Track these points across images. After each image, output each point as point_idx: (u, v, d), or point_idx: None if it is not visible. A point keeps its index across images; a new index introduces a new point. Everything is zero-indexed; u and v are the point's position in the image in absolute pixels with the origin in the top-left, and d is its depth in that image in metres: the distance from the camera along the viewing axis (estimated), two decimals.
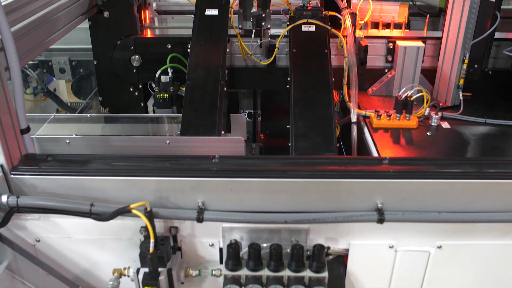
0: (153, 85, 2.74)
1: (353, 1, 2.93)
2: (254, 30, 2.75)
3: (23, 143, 1.62)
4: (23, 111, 1.60)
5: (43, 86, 3.56)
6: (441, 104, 2.61)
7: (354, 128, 2.52)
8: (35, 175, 1.55)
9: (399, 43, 2.76)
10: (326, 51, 2.62)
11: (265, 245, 1.61)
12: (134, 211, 1.46)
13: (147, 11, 3.16)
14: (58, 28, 2.20)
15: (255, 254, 1.56)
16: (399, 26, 3.01)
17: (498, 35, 2.65)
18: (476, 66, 2.57)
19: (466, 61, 2.54)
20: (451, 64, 2.62)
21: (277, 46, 2.77)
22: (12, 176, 1.54)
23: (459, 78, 2.60)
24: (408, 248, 1.65)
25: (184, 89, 2.50)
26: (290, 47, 2.67)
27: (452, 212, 1.55)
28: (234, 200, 1.57)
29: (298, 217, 1.55)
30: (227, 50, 2.72)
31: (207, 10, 2.76)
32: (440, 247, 1.64)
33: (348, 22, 2.72)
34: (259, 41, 2.81)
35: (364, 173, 1.56)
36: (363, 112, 2.56)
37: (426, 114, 2.53)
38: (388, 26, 3.00)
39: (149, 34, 3.04)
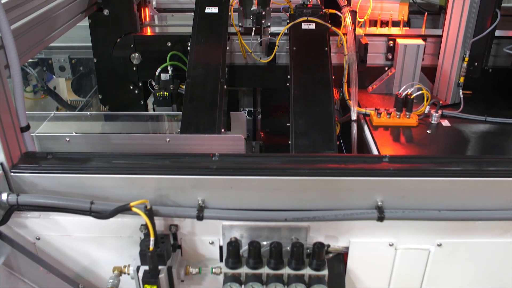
0: (153, 83, 2.74)
1: None
2: (254, 28, 2.75)
3: (23, 141, 1.62)
4: (23, 109, 1.60)
5: (43, 84, 3.56)
6: (441, 102, 2.61)
7: (354, 126, 2.52)
8: (35, 173, 1.55)
9: (399, 41, 2.76)
10: (326, 49, 2.62)
11: (265, 243, 1.61)
12: (134, 209, 1.46)
13: (147, 9, 3.15)
14: (58, 26, 2.20)
15: (255, 252, 1.56)
16: (399, 24, 3.01)
17: (498, 33, 2.65)
18: (476, 64, 2.57)
19: (467, 59, 2.54)
20: (451, 62, 2.62)
21: (277, 44, 2.77)
22: (12, 174, 1.54)
23: (459, 76, 2.60)
24: (408, 246, 1.65)
25: (184, 87, 2.50)
26: (290, 45, 2.67)
27: (452, 210, 1.55)
28: (234, 198, 1.57)
29: (298, 215, 1.55)
30: (227, 48, 2.71)
31: (207, 8, 2.76)
32: (440, 245, 1.64)
33: (348, 20, 2.71)
34: (259, 39, 2.80)
35: (364, 171, 1.56)
36: (363, 110, 2.56)
37: (426, 112, 2.53)
38: (390, 24, 3.00)
39: (149, 32, 3.04)
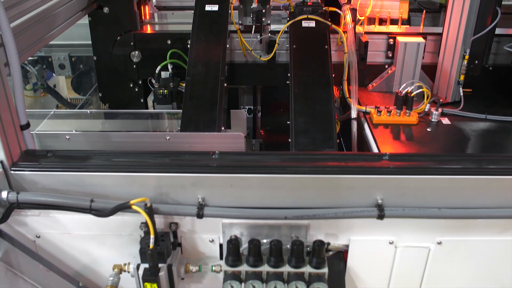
0: (153, 81, 2.73)
1: None
2: (254, 26, 2.75)
3: (23, 139, 1.62)
4: (23, 107, 1.60)
5: (43, 82, 3.56)
6: (441, 100, 2.61)
7: (354, 124, 2.52)
8: (35, 171, 1.55)
9: (400, 39, 2.75)
10: (326, 46, 2.62)
11: (265, 241, 1.61)
12: (134, 207, 1.46)
13: (147, 6, 3.15)
14: (57, 23, 2.20)
15: (255, 250, 1.56)
16: (400, 22, 3.00)
17: (498, 31, 2.64)
18: (476, 62, 2.57)
19: (467, 57, 2.54)
20: (451, 60, 2.62)
21: (277, 42, 2.76)
22: (12, 172, 1.54)
23: (460, 74, 2.60)
24: (408, 244, 1.65)
25: (184, 85, 2.49)
26: (290, 43, 2.67)
27: (452, 208, 1.56)
28: (234, 196, 1.57)
29: (298, 213, 1.55)
30: (227, 46, 2.71)
31: (207, 6, 2.75)
32: (440, 243, 1.64)
33: (349, 18, 2.71)
34: (259, 36, 2.80)
35: (364, 169, 1.56)
36: (363, 108, 2.56)
37: (426, 110, 2.52)
38: (390, 22, 2.99)
39: (149, 30, 3.03)
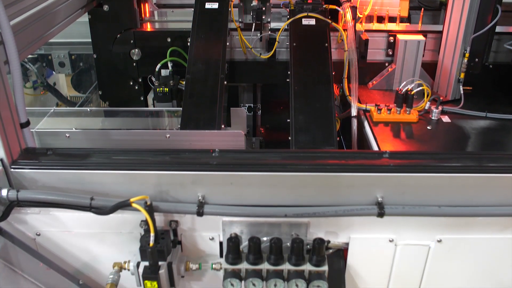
0: (153, 79, 2.73)
1: None
2: (254, 24, 2.75)
3: (23, 137, 1.62)
4: (23, 105, 1.60)
5: (42, 80, 3.56)
6: (441, 98, 2.60)
7: (354, 122, 2.52)
8: (35, 169, 1.55)
9: (400, 36, 2.75)
10: (327, 44, 2.61)
11: (265, 238, 1.61)
12: (134, 205, 1.46)
13: (146, 4, 3.14)
14: (57, 21, 2.19)
15: (255, 247, 1.56)
16: (400, 20, 3.00)
17: (499, 29, 2.64)
18: (477, 60, 2.57)
19: (467, 55, 2.54)
20: (451, 58, 2.61)
21: (277, 39, 2.76)
22: (12, 170, 1.54)
23: (460, 72, 2.59)
24: (408, 242, 1.65)
25: (184, 83, 2.49)
26: (290, 41, 2.66)
27: (452, 206, 1.55)
28: (234, 193, 1.57)
29: (298, 211, 1.55)
30: (227, 44, 2.71)
31: (207, 4, 2.75)
32: (440, 241, 1.64)
33: (349, 16, 2.71)
34: (259, 34, 2.80)
35: (364, 167, 1.56)
36: (363, 106, 2.56)
37: (426, 108, 2.52)
38: (390, 19, 2.99)
39: (149, 27, 3.03)
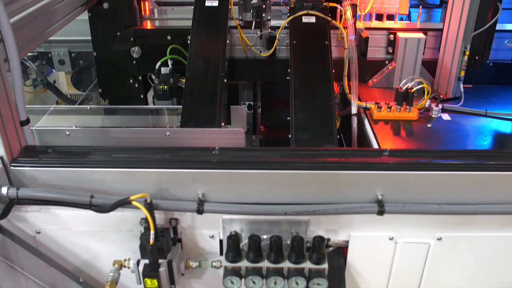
0: (153, 76, 2.73)
1: None
2: (254, 22, 2.74)
3: (22, 135, 1.62)
4: (23, 103, 1.60)
5: (42, 78, 3.56)
6: (441, 96, 2.60)
7: (355, 120, 2.51)
8: (35, 167, 1.55)
9: (400, 34, 2.75)
10: (327, 42, 2.61)
11: (265, 236, 1.61)
12: (134, 202, 1.46)
13: (146, 2, 3.14)
14: (57, 19, 2.19)
15: (255, 245, 1.56)
16: (400, 18, 2.99)
17: (499, 26, 2.64)
18: (477, 57, 2.57)
19: (467, 52, 2.53)
20: (452, 55, 2.61)
21: (277, 37, 2.76)
22: (12, 168, 1.54)
23: (460, 70, 2.59)
24: (408, 240, 1.65)
25: (184, 80, 2.49)
26: (290, 39, 2.66)
27: (452, 204, 1.55)
28: (234, 191, 1.57)
29: (298, 208, 1.55)
30: (227, 42, 2.71)
31: (207, 1, 2.75)
32: (440, 239, 1.64)
33: (349, 14, 2.70)
34: (259, 32, 2.79)
35: (364, 165, 1.56)
36: (363, 104, 2.55)
37: (426, 106, 2.52)
38: (389, 17, 2.98)
39: (148, 25, 3.03)
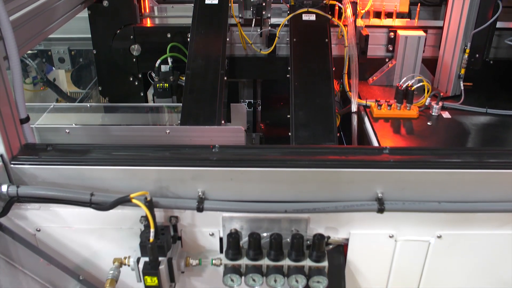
0: (153, 74, 2.73)
1: None
2: (254, 19, 2.74)
3: (22, 132, 1.62)
4: (23, 101, 1.60)
5: (42, 75, 3.55)
6: (442, 94, 2.60)
7: (355, 118, 2.51)
8: (35, 164, 1.55)
9: (400, 32, 2.74)
10: (327, 40, 2.61)
11: (265, 234, 1.61)
12: (134, 200, 1.46)
13: (146, 0, 3.14)
14: (57, 17, 2.19)
15: (255, 243, 1.56)
16: (401, 16, 2.99)
17: (499, 24, 2.63)
18: (477, 55, 2.56)
19: (468, 50, 2.53)
20: (452, 53, 2.61)
21: (277, 35, 2.75)
22: (12, 165, 1.54)
23: (460, 68, 2.59)
24: (408, 238, 1.65)
25: (184, 78, 2.49)
26: (290, 36, 2.66)
27: (452, 202, 1.56)
28: (234, 189, 1.57)
29: (298, 206, 1.55)
30: (227, 40, 2.70)
31: None
32: (440, 236, 1.64)
33: (349, 11, 2.70)
34: (259, 30, 2.79)
35: (365, 162, 1.56)
36: (363, 102, 2.55)
37: (426, 104, 2.52)
38: (390, 15, 2.98)
39: (148, 23, 3.02)
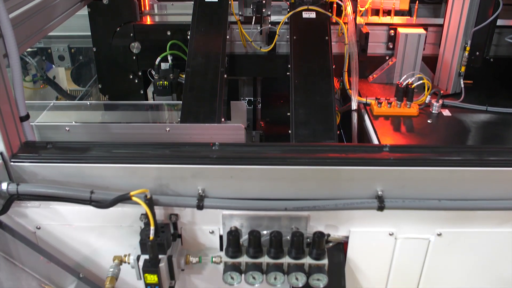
0: (153, 72, 2.73)
1: None
2: (254, 17, 2.74)
3: (22, 130, 1.62)
4: (22, 99, 1.60)
5: (42, 73, 3.55)
6: (442, 92, 2.60)
7: (355, 116, 2.51)
8: (35, 162, 1.55)
9: (400, 30, 2.74)
10: (327, 38, 2.60)
11: (265, 232, 1.61)
12: (134, 198, 1.46)
13: None
14: (57, 14, 2.18)
15: (255, 241, 1.56)
16: (401, 13, 2.99)
17: (500, 22, 2.63)
18: (477, 53, 2.56)
19: (468, 48, 2.53)
20: (452, 51, 2.61)
21: (277, 33, 2.75)
22: (12, 163, 1.54)
23: (461, 66, 2.59)
24: (408, 236, 1.65)
25: (184, 76, 2.49)
26: (290, 34, 2.66)
27: (452, 200, 1.55)
28: (234, 187, 1.57)
29: (298, 204, 1.55)
30: (227, 37, 2.70)
31: None
32: (440, 234, 1.64)
33: (349, 9, 2.70)
34: (259, 28, 2.79)
35: (365, 160, 1.56)
36: (363, 100, 2.55)
37: (427, 101, 2.52)
38: (390, 13, 2.98)
39: (148, 21, 3.02)
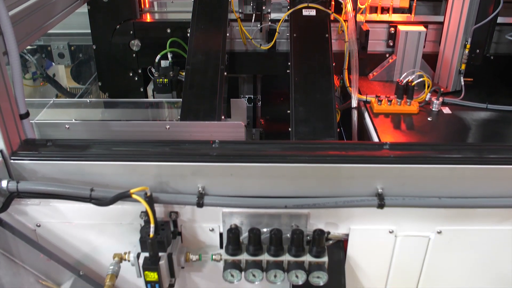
0: (153, 70, 2.73)
1: None
2: (254, 15, 2.74)
3: (22, 128, 1.62)
4: (22, 96, 1.60)
5: (42, 71, 3.55)
6: (442, 89, 2.60)
7: (355, 113, 2.51)
8: (35, 160, 1.55)
9: (401, 27, 2.74)
10: (327, 35, 2.60)
11: (265, 230, 1.61)
12: (134, 196, 1.46)
13: None
14: (56, 12, 2.18)
15: (255, 239, 1.56)
16: (400, 11, 2.98)
17: (500, 19, 2.63)
18: (478, 51, 2.56)
19: (468, 46, 2.53)
20: (452, 49, 2.60)
21: (277, 30, 2.75)
22: (12, 161, 1.53)
23: (461, 63, 2.59)
24: (408, 233, 1.65)
25: (184, 74, 2.49)
26: (290, 32, 2.66)
27: (452, 198, 1.55)
28: (234, 185, 1.57)
29: (298, 202, 1.55)
30: (227, 35, 2.70)
31: None
32: (440, 232, 1.64)
33: (349, 6, 2.69)
34: (259, 25, 2.78)
35: (365, 158, 1.56)
36: (363, 97, 2.55)
37: (427, 99, 2.52)
38: (388, 11, 2.97)
39: (148, 18, 3.01)
